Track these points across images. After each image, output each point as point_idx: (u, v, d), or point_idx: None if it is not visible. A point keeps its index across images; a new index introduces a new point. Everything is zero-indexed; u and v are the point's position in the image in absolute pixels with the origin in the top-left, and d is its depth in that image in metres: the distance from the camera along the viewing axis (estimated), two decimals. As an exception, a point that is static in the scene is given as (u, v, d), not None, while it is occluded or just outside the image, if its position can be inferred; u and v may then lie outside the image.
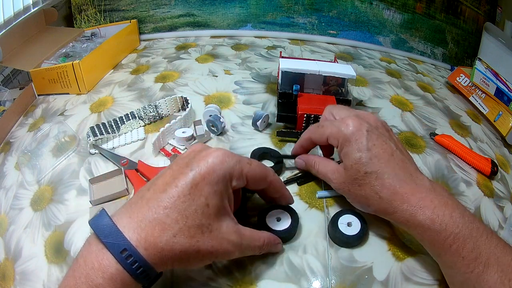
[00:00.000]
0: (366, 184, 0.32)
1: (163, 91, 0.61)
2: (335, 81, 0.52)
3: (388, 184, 0.31)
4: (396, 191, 0.31)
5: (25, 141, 0.53)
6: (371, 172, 0.32)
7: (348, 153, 0.33)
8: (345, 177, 0.34)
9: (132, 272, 0.24)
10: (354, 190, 0.34)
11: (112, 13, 0.81)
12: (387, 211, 0.32)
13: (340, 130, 0.34)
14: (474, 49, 0.78)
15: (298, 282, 0.34)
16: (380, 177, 0.32)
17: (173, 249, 0.26)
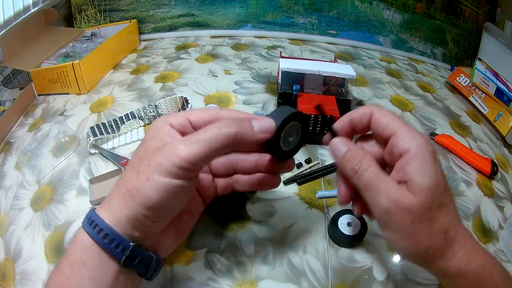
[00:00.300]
0: (436, 218, 0.25)
1: (163, 91, 0.61)
2: (335, 81, 0.52)
3: (454, 224, 0.26)
4: (458, 233, 0.26)
5: (25, 141, 0.53)
6: (444, 205, 0.25)
7: (425, 171, 0.25)
8: (414, 202, 0.24)
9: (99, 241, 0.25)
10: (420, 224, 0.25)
11: (112, 13, 0.81)
12: (444, 256, 0.25)
13: (417, 136, 0.26)
14: (474, 49, 0.78)
15: (298, 282, 0.34)
16: (449, 214, 0.25)
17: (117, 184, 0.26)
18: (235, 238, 0.37)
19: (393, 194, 0.25)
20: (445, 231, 0.25)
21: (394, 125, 0.27)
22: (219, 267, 0.35)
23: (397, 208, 0.25)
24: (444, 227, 0.25)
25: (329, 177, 0.45)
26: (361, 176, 0.27)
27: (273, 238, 0.38)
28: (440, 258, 0.25)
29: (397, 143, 0.26)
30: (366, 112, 0.29)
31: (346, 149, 0.28)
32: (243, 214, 0.40)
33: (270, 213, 0.40)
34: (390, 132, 0.27)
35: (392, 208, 0.25)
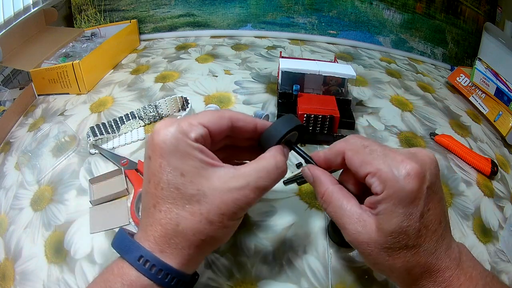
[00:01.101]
0: (399, 257, 0.25)
1: (163, 91, 0.61)
2: (335, 81, 0.52)
3: (424, 262, 0.25)
4: (429, 269, 0.25)
5: (25, 141, 0.53)
6: (412, 246, 0.25)
7: (393, 215, 0.24)
8: (374, 238, 0.25)
9: (153, 278, 0.24)
10: (378, 257, 0.25)
11: (112, 13, 0.81)
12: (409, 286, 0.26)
13: (394, 176, 0.24)
14: (474, 49, 0.78)
15: (298, 282, 0.34)
16: (418, 254, 0.25)
17: (184, 235, 0.25)
18: (235, 238, 0.37)
19: (353, 228, 0.26)
20: (410, 269, 0.25)
21: (369, 163, 0.26)
22: (219, 267, 0.35)
23: (356, 242, 0.26)
24: (409, 266, 0.25)
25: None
26: (325, 208, 0.29)
27: (273, 238, 0.38)
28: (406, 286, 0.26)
29: (372, 182, 0.26)
30: (339, 151, 0.29)
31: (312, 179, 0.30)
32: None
33: (270, 213, 0.40)
34: (365, 171, 0.26)
35: (352, 241, 0.27)
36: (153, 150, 0.25)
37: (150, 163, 0.25)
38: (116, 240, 0.26)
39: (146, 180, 0.26)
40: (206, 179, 0.25)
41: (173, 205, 0.25)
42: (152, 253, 0.25)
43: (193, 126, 0.26)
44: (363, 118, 0.56)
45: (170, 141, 0.25)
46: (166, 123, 0.26)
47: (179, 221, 0.24)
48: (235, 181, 0.25)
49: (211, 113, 0.28)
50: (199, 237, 0.25)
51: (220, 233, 0.26)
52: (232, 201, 0.25)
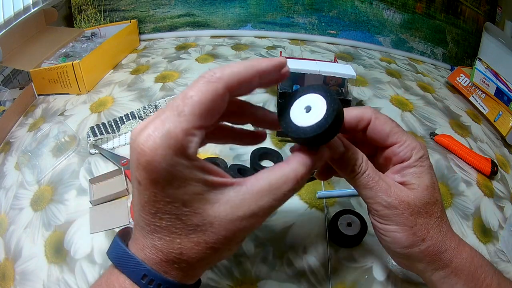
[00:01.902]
0: (433, 212, 0.27)
1: (163, 91, 0.61)
2: (335, 81, 0.52)
3: (445, 219, 0.28)
4: (449, 228, 0.28)
5: (25, 141, 0.53)
6: (439, 202, 0.28)
7: (424, 173, 0.27)
8: (413, 197, 0.26)
9: None
10: (418, 216, 0.26)
11: (112, 13, 0.81)
12: (439, 249, 0.27)
13: (417, 144, 0.28)
14: (474, 49, 0.78)
15: (298, 282, 0.34)
16: (442, 210, 0.28)
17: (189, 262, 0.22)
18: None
19: (393, 190, 0.26)
20: (440, 225, 0.27)
21: (397, 133, 0.28)
22: (219, 267, 0.35)
23: (398, 202, 0.26)
24: (439, 221, 0.27)
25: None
26: (360, 176, 0.27)
27: (273, 238, 0.38)
28: (435, 251, 0.27)
29: (400, 151, 0.27)
30: (365, 116, 0.28)
31: (343, 149, 0.27)
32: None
33: (270, 213, 0.40)
34: (394, 140, 0.28)
35: (393, 202, 0.26)
36: (142, 175, 0.20)
37: (140, 189, 0.20)
38: (113, 252, 0.23)
39: (137, 203, 0.22)
40: (211, 204, 0.21)
41: (176, 235, 0.21)
42: (155, 272, 0.22)
43: (188, 137, 0.20)
44: (363, 118, 0.56)
45: (164, 168, 0.19)
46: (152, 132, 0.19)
47: (183, 251, 0.22)
48: (246, 206, 0.21)
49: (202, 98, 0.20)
50: (205, 263, 0.23)
51: (226, 255, 0.24)
52: (240, 230, 0.22)
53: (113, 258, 0.23)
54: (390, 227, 0.27)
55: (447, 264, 0.27)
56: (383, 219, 0.27)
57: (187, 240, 0.21)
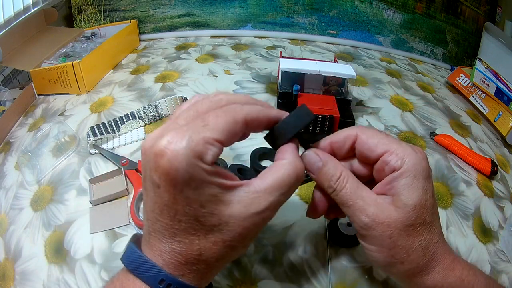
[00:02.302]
0: (417, 235, 0.25)
1: (163, 91, 0.61)
2: (335, 81, 0.52)
3: (435, 240, 0.26)
4: (438, 250, 0.26)
5: (25, 141, 0.53)
6: (428, 223, 0.25)
7: (414, 188, 0.25)
8: (394, 217, 0.25)
9: None
10: (398, 238, 0.25)
11: (112, 13, 0.81)
12: (421, 272, 0.26)
13: (410, 153, 0.26)
14: (474, 49, 0.78)
15: (298, 282, 0.34)
16: (432, 231, 0.26)
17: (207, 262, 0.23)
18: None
19: (371, 210, 0.25)
20: (425, 248, 0.25)
21: (385, 143, 0.27)
22: (219, 267, 0.35)
23: (375, 223, 0.25)
24: (424, 244, 0.25)
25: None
26: (338, 194, 0.26)
27: (273, 238, 0.38)
28: (416, 274, 0.26)
29: (390, 160, 0.26)
30: (350, 134, 0.28)
31: (321, 164, 0.27)
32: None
33: (270, 213, 0.40)
34: (382, 150, 0.26)
35: (370, 223, 0.25)
36: (163, 178, 0.21)
37: (160, 192, 0.22)
38: (129, 257, 0.24)
39: (154, 207, 0.23)
40: (226, 205, 0.23)
41: (194, 236, 0.23)
42: (173, 276, 0.23)
43: (207, 145, 0.21)
44: (363, 118, 0.56)
45: (185, 170, 0.20)
46: (173, 138, 0.21)
47: (202, 251, 0.23)
48: (257, 204, 0.23)
49: (224, 119, 0.23)
50: (222, 262, 0.24)
51: (240, 253, 0.25)
52: (253, 225, 0.23)
53: (129, 264, 0.24)
54: (369, 246, 0.26)
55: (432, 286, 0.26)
56: (362, 238, 0.27)
57: (205, 241, 0.23)
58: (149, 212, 0.23)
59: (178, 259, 0.23)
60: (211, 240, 0.23)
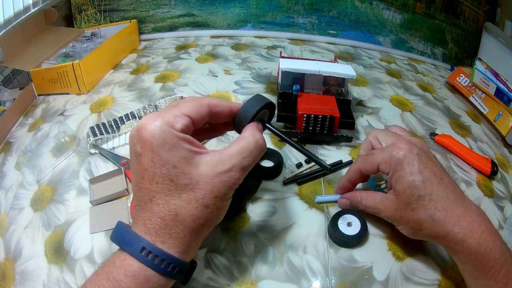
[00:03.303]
0: (419, 207, 0.32)
1: (163, 91, 0.61)
2: (335, 81, 0.52)
3: (441, 206, 0.31)
4: (449, 213, 0.31)
5: (25, 141, 0.53)
6: (424, 195, 0.31)
7: (401, 177, 0.32)
8: (397, 203, 0.33)
9: (156, 268, 0.25)
10: (407, 215, 0.32)
11: (112, 13, 0.81)
12: (439, 235, 0.31)
13: (391, 154, 0.34)
14: (474, 49, 0.78)
15: (298, 282, 0.34)
16: (434, 199, 0.31)
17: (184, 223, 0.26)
18: (235, 238, 0.37)
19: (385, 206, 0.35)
20: (432, 215, 0.31)
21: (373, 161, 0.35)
22: (219, 267, 0.35)
23: (390, 213, 0.34)
24: (430, 212, 0.31)
25: (329, 177, 0.45)
26: (366, 209, 0.37)
27: (273, 238, 0.38)
28: (436, 236, 0.31)
29: (383, 169, 0.35)
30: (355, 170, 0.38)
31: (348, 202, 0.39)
32: (243, 213, 0.40)
33: (270, 213, 0.40)
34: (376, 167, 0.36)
35: (388, 215, 0.35)
36: (143, 146, 0.26)
37: (141, 159, 0.26)
38: (116, 233, 0.27)
39: (138, 177, 0.27)
40: (195, 167, 0.26)
41: (170, 197, 0.26)
42: (153, 244, 0.26)
43: (177, 117, 0.27)
44: (363, 118, 0.56)
45: (159, 135, 0.26)
46: (151, 117, 0.26)
47: (178, 211, 0.26)
48: (221, 165, 0.27)
49: (191, 102, 0.29)
50: (198, 222, 0.27)
51: (216, 215, 0.28)
52: (222, 183, 0.27)
53: (115, 239, 0.27)
54: (398, 227, 0.35)
55: (453, 247, 0.30)
56: (393, 224, 0.35)
57: (179, 200, 0.26)
58: (134, 187, 0.28)
59: (158, 222, 0.26)
60: (185, 198, 0.26)
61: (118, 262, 0.26)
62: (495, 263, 0.28)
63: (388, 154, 0.34)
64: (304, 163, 0.47)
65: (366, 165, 0.37)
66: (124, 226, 0.27)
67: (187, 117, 0.28)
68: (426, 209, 0.31)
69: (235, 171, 0.27)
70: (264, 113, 0.33)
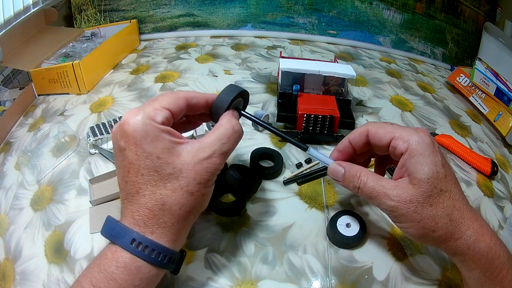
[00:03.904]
0: (439, 203, 0.28)
1: (163, 91, 0.61)
2: (335, 81, 0.52)
3: (458, 206, 0.29)
4: (464, 215, 0.29)
5: (25, 141, 0.53)
6: (445, 191, 0.28)
7: (423, 165, 0.28)
8: (414, 194, 0.28)
9: (147, 258, 0.26)
10: (423, 210, 0.28)
11: (112, 13, 0.81)
12: (452, 236, 0.28)
13: (413, 134, 0.29)
14: (474, 49, 0.78)
15: (298, 282, 0.34)
16: (453, 198, 0.29)
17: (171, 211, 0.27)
18: (235, 238, 0.37)
19: (394, 193, 0.29)
20: (450, 214, 0.28)
21: (391, 131, 0.31)
22: (219, 267, 0.35)
23: (400, 203, 0.28)
24: (448, 210, 0.28)
25: (329, 177, 0.45)
26: (363, 190, 0.30)
27: (273, 238, 0.38)
28: (449, 239, 0.28)
29: (397, 144, 0.30)
30: (362, 130, 0.33)
31: (343, 171, 0.32)
32: (243, 213, 0.40)
33: (270, 213, 0.40)
34: (389, 138, 0.30)
35: (396, 205, 0.29)
36: (126, 140, 0.27)
37: (125, 153, 0.27)
38: (106, 227, 0.28)
39: (124, 171, 0.27)
40: (177, 156, 0.27)
41: (155, 187, 0.27)
42: (143, 235, 0.26)
43: (157, 111, 0.28)
44: (363, 118, 0.56)
45: (141, 128, 0.27)
46: (132, 112, 0.27)
47: (164, 200, 0.27)
48: (202, 152, 0.28)
49: (169, 96, 0.30)
50: (185, 209, 0.28)
51: (201, 201, 0.29)
52: (204, 170, 0.28)
53: (106, 233, 0.27)
54: (402, 224, 0.29)
55: (464, 251, 0.28)
56: (394, 219, 0.30)
57: (165, 189, 0.27)
58: (120, 182, 0.28)
59: (145, 213, 0.27)
60: (170, 187, 0.27)
61: (110, 254, 0.26)
62: (503, 267, 0.28)
63: (408, 132, 0.30)
64: (304, 163, 0.47)
65: (379, 131, 0.31)
66: (114, 220, 0.28)
67: (167, 109, 0.28)
68: (445, 206, 0.28)
69: (216, 156, 0.28)
70: (239, 101, 0.34)
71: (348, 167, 0.32)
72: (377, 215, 0.40)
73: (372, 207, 0.41)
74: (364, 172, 0.31)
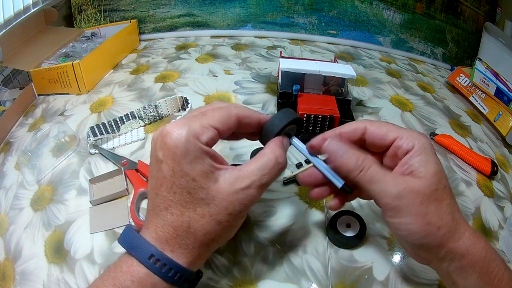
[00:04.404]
0: (443, 200, 0.27)
1: (163, 91, 0.61)
2: (335, 81, 0.52)
3: (456, 207, 0.28)
4: (461, 216, 0.28)
5: (25, 141, 0.53)
6: (448, 188, 0.28)
7: (430, 162, 0.28)
8: (421, 184, 0.27)
9: (163, 276, 0.25)
10: (429, 203, 0.27)
11: (112, 13, 0.81)
12: (454, 236, 0.27)
13: (419, 134, 0.29)
14: (474, 49, 0.78)
15: (298, 282, 0.34)
16: (452, 196, 0.28)
17: (195, 236, 0.26)
18: (235, 238, 0.37)
19: (401, 181, 0.27)
20: (452, 212, 0.28)
21: (394, 131, 0.30)
22: (219, 267, 0.35)
23: (407, 191, 0.27)
24: (451, 208, 0.28)
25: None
26: (366, 172, 0.28)
27: (273, 238, 0.38)
28: (451, 238, 0.27)
29: (402, 144, 0.29)
30: (359, 127, 0.31)
31: (347, 149, 0.29)
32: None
33: (270, 213, 0.40)
34: (393, 137, 0.29)
35: (402, 192, 0.27)
36: (166, 153, 0.26)
37: (161, 166, 0.26)
38: (125, 237, 0.27)
39: (156, 183, 0.26)
40: (214, 182, 0.26)
41: (185, 209, 0.26)
42: (162, 252, 0.26)
43: (204, 129, 0.26)
44: (363, 118, 0.56)
45: (183, 145, 0.25)
46: (178, 124, 0.26)
47: (191, 224, 0.26)
48: (240, 182, 0.27)
49: (220, 113, 0.28)
50: (209, 237, 0.26)
51: (228, 232, 0.28)
52: (238, 201, 0.26)
53: (123, 243, 0.27)
54: (403, 219, 0.27)
55: (464, 255, 0.27)
56: (395, 212, 0.27)
57: (194, 213, 0.26)
58: (151, 191, 0.27)
59: (170, 231, 0.26)
60: (200, 212, 0.26)
61: (125, 267, 0.26)
62: (499, 269, 0.27)
63: (414, 133, 0.29)
64: (304, 163, 0.47)
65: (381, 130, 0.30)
66: (133, 231, 0.27)
67: (214, 128, 0.27)
68: (448, 204, 0.28)
69: (253, 188, 0.27)
70: (292, 128, 0.31)
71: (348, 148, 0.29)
72: (377, 215, 0.40)
73: (372, 207, 0.41)
74: (369, 156, 0.29)
